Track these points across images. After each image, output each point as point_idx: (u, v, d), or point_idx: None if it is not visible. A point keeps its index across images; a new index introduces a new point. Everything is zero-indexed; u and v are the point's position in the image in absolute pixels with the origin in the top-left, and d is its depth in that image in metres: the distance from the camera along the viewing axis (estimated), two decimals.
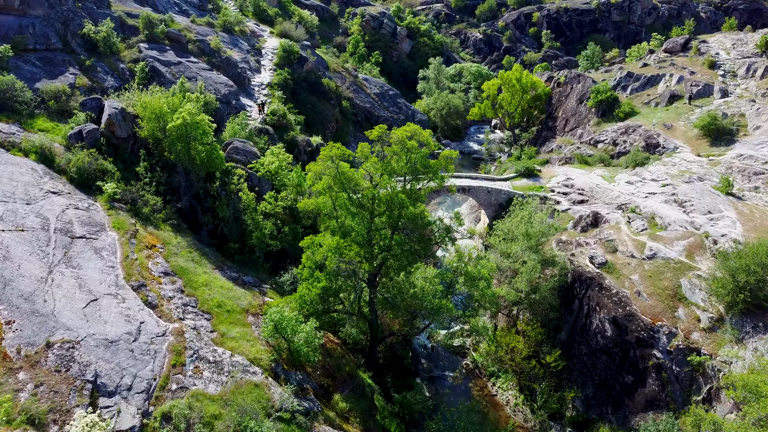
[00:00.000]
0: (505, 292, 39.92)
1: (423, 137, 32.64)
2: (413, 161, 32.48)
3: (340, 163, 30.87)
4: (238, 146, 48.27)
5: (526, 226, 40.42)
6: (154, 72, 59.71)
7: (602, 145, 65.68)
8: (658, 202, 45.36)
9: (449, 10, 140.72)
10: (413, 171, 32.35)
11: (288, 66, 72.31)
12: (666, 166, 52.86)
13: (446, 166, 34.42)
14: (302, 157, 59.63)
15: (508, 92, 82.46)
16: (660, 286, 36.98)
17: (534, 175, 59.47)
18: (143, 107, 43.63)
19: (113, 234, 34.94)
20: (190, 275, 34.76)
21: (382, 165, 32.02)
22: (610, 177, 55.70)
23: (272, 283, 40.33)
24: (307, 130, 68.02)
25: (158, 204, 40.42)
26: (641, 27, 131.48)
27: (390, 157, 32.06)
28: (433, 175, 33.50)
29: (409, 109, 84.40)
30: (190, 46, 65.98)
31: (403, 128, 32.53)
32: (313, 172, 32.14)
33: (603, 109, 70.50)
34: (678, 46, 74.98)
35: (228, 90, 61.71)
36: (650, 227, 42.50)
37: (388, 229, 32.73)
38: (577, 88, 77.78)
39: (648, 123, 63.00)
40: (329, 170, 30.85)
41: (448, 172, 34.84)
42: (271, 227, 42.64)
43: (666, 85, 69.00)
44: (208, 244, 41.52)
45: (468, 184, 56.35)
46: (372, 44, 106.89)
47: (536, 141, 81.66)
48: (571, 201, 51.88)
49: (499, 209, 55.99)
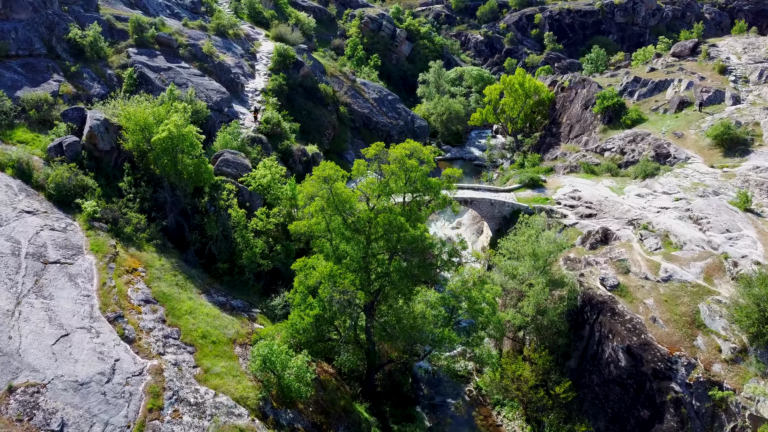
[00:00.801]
0: (511, 317, 37.53)
1: (423, 154, 30.25)
2: (413, 180, 30.09)
3: (334, 183, 28.43)
4: (228, 158, 45.84)
5: (533, 246, 38.01)
6: (142, 78, 57.25)
7: (609, 154, 63.25)
8: (671, 219, 42.95)
9: (449, 11, 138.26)
10: (413, 191, 29.95)
11: (283, 71, 69.87)
12: (678, 177, 50.45)
13: (449, 186, 31.97)
14: (297, 167, 57.23)
15: (510, 97, 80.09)
16: (677, 311, 34.58)
17: (539, 185, 57.05)
18: (127, 118, 41.21)
19: (91, 258, 32.50)
20: (173, 302, 32.34)
21: (379, 185, 29.62)
22: (618, 189, 53.29)
23: (263, 307, 37.92)
24: (303, 138, 65.60)
25: (142, 222, 38.01)
26: (645, 28, 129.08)
27: (388, 176, 29.65)
28: (434, 195, 31.04)
29: (408, 114, 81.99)
30: (182, 50, 63.54)
31: (401, 145, 30.17)
32: (305, 193, 29.70)
33: (609, 116, 68.09)
34: (686, 50, 72.58)
35: (220, 97, 59.27)
36: (664, 246, 40.10)
37: (386, 254, 30.33)
38: (582, 93, 75.37)
39: (657, 131, 60.60)
40: (322, 191, 28.44)
41: (450, 191, 32.38)
42: (262, 246, 40.21)
43: (675, 91, 66.60)
44: (195, 264, 39.10)
45: (470, 195, 53.95)
46: (370, 47, 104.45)
47: (539, 147, 79.27)
48: (578, 215, 49.48)
49: (502, 222, 53.62)
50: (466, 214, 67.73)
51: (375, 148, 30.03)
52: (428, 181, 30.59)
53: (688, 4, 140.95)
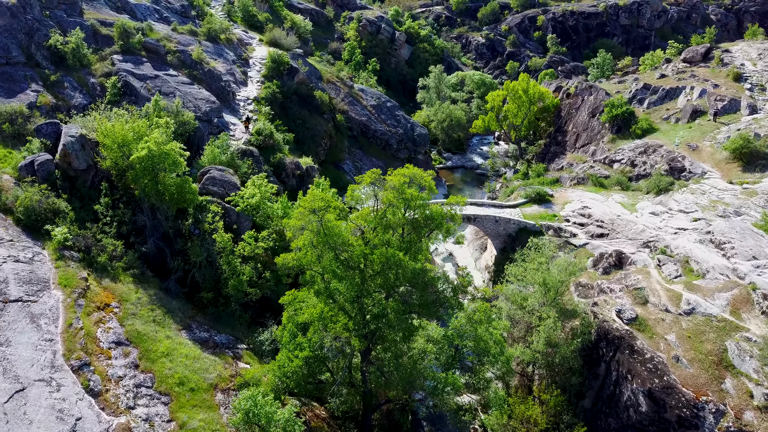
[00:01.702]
0: (520, 352, 34.53)
1: (424, 181, 27.23)
2: (413, 209, 27.07)
3: (325, 215, 25.38)
4: (215, 176, 42.79)
5: (543, 275, 34.98)
6: (127, 87, 54.18)
7: (618, 166, 60.23)
8: (691, 242, 39.93)
9: (450, 13, 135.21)
10: (413, 223, 26.96)
11: (277, 78, 66.80)
12: (694, 194, 47.44)
13: (452, 216, 28.88)
14: (290, 182, 54.21)
15: (514, 104, 77.02)
16: (702, 350, 31.58)
17: (546, 200, 54.04)
18: (104, 135, 38.16)
19: (58, 294, 29.47)
20: (149, 343, 29.32)
21: (375, 217, 26.62)
22: (630, 205, 50.28)
23: (250, 342, 34.88)
24: (297, 149, 62.57)
25: (118, 250, 34.99)
26: (650, 31, 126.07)
27: (385, 207, 26.64)
28: (437, 225, 27.99)
29: (408, 122, 78.94)
30: (170, 57, 60.46)
31: (400, 172, 27.15)
32: (292, 226, 26.64)
33: (618, 125, 65.07)
34: (698, 55, 69.56)
35: (209, 107, 56.18)
36: (685, 273, 37.09)
37: (383, 293, 27.31)
38: (589, 100, 72.34)
39: (669, 142, 57.57)
40: (311, 225, 25.38)
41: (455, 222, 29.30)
42: (250, 272, 37.15)
43: (687, 99, 63.57)
44: (176, 294, 36.05)
45: (473, 212, 50.92)
46: (369, 50, 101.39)
47: (544, 156, 76.24)
48: (588, 234, 46.48)
49: (508, 240, 50.62)
50: (468, 228, 64.69)
51: (371, 176, 27.02)
52: (430, 210, 27.56)
53: (694, 6, 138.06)
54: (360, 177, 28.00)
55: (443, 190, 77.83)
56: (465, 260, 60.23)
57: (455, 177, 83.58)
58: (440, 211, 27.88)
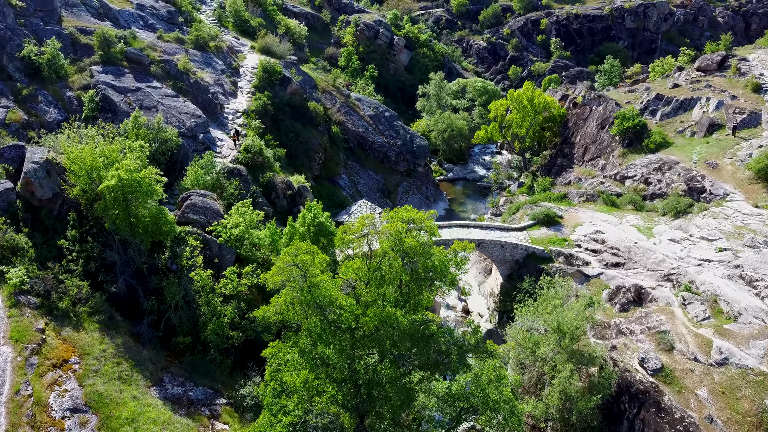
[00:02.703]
0: (532, 407, 30.94)
1: (425, 225, 23.62)
2: (412, 259, 23.46)
3: (309, 269, 21.74)
4: (196, 203, 39.16)
5: (557, 319, 31.38)
6: (105, 101, 50.60)
7: (631, 183, 56.61)
8: (718, 277, 36.34)
9: (450, 16, 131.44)
10: (413, 274, 23.38)
11: (269, 88, 63.13)
12: (717, 219, 43.85)
13: (458, 262, 25.24)
14: (281, 202, 50.63)
15: (518, 114, 73.38)
16: (738, 408, 28.00)
17: (555, 222, 50.40)
18: (71, 160, 34.55)
19: (7, 351, 25.86)
20: (111, 407, 25.72)
21: (368, 271, 23.03)
22: (647, 229, 46.69)
23: (230, 396, 31.26)
24: (290, 164, 58.96)
25: (84, 291, 31.38)
26: (657, 34, 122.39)
27: (380, 258, 23.04)
28: (440, 276, 24.36)
29: (407, 132, 75.28)
30: (153, 67, 56.81)
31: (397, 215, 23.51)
32: (271, 281, 22.96)
33: (629, 138, 61.45)
34: (713, 64, 65.95)
35: (195, 121, 52.55)
36: (714, 315, 33.49)
37: (376, 355, 23.72)
38: (598, 110, 68.72)
39: (686, 158, 53.96)
40: (293, 282, 21.74)
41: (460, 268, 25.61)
42: (232, 313, 33.56)
43: (702, 111, 59.94)
44: (149, 339, 32.41)
45: (477, 237, 47.29)
46: (367, 56, 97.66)
47: (550, 169, 72.64)
48: (603, 263, 42.87)
49: (515, 266, 47.02)
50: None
51: (362, 223, 23.40)
52: (432, 259, 23.90)
53: (701, 8, 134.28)
54: (348, 225, 24.25)
55: (444, 204, 74.25)
56: (468, 284, 56.58)
57: (456, 190, 79.96)
58: (444, 260, 24.25)
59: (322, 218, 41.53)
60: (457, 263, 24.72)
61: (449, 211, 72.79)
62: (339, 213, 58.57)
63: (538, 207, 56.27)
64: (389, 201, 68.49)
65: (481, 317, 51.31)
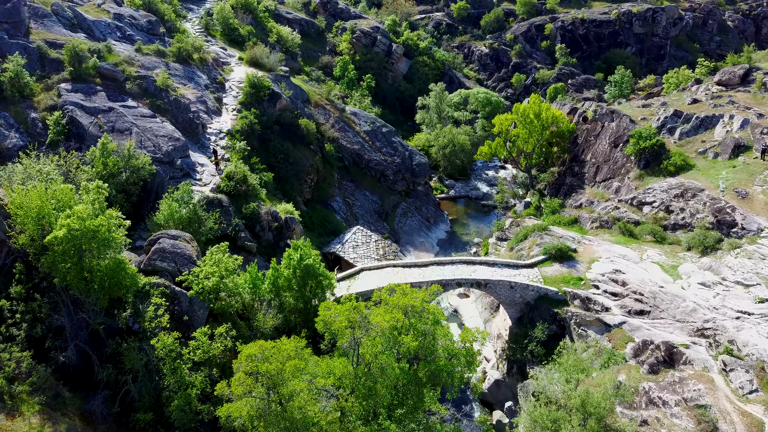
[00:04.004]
0: None
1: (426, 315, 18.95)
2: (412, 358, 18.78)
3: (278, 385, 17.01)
4: (165, 247, 34.47)
5: (582, 396, 26.72)
6: (73, 124, 45.94)
7: (649, 209, 51.97)
8: (763, 337, 31.66)
9: (451, 20, 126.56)
10: (412, 377, 18.73)
11: (256, 105, 58.48)
12: (752, 259, 39.23)
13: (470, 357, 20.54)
14: (266, 236, 45.94)
15: (524, 129, 68.71)
16: None
17: (568, 257, 45.75)
18: (17, 206, 29.90)
19: None
20: None
21: (355, 378, 18.39)
22: (672, 268, 42.07)
23: None
24: (278, 189, 54.32)
25: (24, 365, 26.73)
26: (666, 40, 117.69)
27: (369, 361, 18.38)
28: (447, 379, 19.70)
29: (405, 149, 70.59)
30: (129, 84, 52.08)
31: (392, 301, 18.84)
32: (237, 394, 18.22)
33: (646, 159, 56.78)
34: (736, 77, 61.26)
35: (172, 145, 47.83)
36: (762, 387, 28.84)
37: None
38: (610, 127, 64.04)
39: (710, 184, 49.31)
40: (257, 400, 16.98)
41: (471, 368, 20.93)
42: (202, 383, 28.88)
43: (726, 130, 55.26)
44: (104, 416, 27.76)
45: (484, 276, 42.65)
46: (363, 64, 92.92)
47: (559, 188, 67.99)
48: (625, 309, 38.22)
49: (525, 308, 42.37)
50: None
51: (348, 314, 18.70)
52: (438, 361, 19.23)
53: (710, 11, 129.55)
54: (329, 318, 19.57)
55: (445, 226, 69.57)
56: (473, 320, 51.94)
57: (458, 209, 75.25)
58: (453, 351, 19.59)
59: (310, 259, 37.09)
60: (468, 360, 20.04)
61: (451, 234, 68.14)
62: (331, 242, 53.94)
63: (548, 236, 51.69)
64: (386, 224, 63.88)
65: (487, 361, 46.65)
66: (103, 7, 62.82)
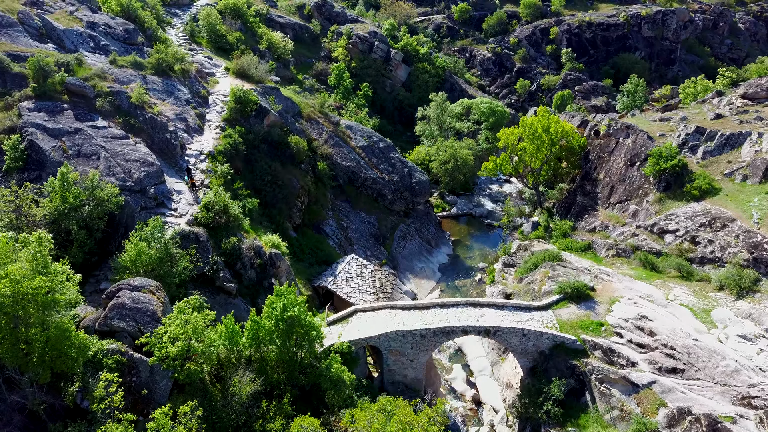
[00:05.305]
0: None
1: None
2: None
3: None
4: (125, 303, 29.67)
5: None
6: (33, 150, 41.01)
7: (673, 239, 47.30)
8: None
9: (452, 23, 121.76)
10: None
11: (242, 121, 53.72)
12: None
13: None
14: (248, 274, 41.12)
15: (531, 144, 64.06)
16: None
17: (586, 296, 41.02)
18: None
19: None
20: None
21: None
22: (704, 312, 37.40)
23: None
24: (265, 215, 49.63)
25: None
26: (676, 43, 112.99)
27: None
28: None
29: (405, 166, 65.84)
30: (100, 101, 47.21)
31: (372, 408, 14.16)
32: None
33: (667, 181, 52.09)
34: (763, 90, 56.60)
35: (145, 171, 42.96)
36: None
37: None
38: (626, 143, 59.33)
39: (741, 213, 44.64)
40: None
41: None
42: None
43: (754, 150, 50.54)
44: None
45: (493, 323, 37.91)
46: (360, 71, 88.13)
47: (569, 207, 63.33)
48: (654, 366, 33.52)
49: (539, 358, 37.65)
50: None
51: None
52: None
53: (720, 13, 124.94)
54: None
55: (447, 248, 64.88)
56: (478, 361, 47.29)
57: (461, 227, 70.54)
58: None
59: (295, 310, 32.46)
60: None
61: (453, 257, 63.41)
62: (323, 273, 49.22)
63: (561, 267, 47.13)
64: (384, 249, 59.16)
65: (495, 413, 41.94)
66: (76, 14, 57.89)
